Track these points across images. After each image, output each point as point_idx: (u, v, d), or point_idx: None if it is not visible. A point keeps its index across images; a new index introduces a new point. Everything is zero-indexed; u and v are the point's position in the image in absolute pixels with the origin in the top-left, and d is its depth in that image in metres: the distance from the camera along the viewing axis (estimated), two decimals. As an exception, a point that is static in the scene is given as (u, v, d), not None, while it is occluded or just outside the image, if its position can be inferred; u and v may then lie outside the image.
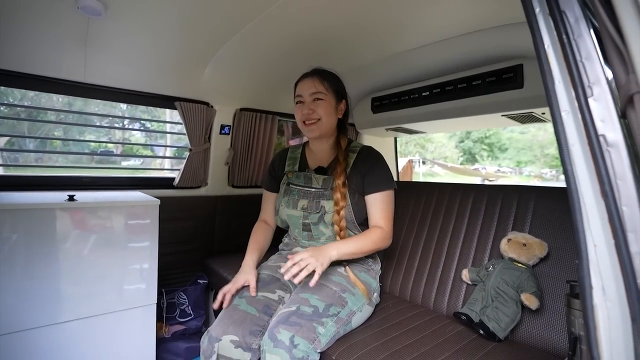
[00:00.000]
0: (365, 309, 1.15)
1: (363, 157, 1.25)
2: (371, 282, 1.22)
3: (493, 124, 2.07)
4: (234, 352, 1.00)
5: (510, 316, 1.02)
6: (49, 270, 1.10)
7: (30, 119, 2.54)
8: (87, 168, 4.01)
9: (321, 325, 0.98)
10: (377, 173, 1.21)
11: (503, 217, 1.27)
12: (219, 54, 1.57)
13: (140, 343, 1.28)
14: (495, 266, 1.12)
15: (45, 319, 1.10)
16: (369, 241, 1.14)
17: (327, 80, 1.24)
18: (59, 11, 1.17)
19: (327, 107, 1.21)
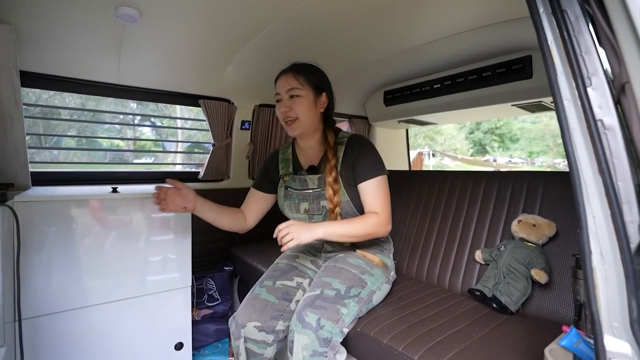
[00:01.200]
0: (384, 287, 1.21)
1: (351, 147, 1.20)
2: (386, 260, 1.27)
3: (503, 113, 2.13)
4: (257, 335, 1.16)
5: (521, 290, 1.10)
6: (99, 255, 1.22)
7: (67, 119, 2.68)
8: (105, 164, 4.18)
9: (344, 306, 1.06)
10: (366, 161, 1.16)
11: (514, 201, 1.34)
12: (239, 54, 1.67)
13: (179, 322, 1.40)
14: (506, 246, 1.20)
15: (97, 298, 1.22)
16: (361, 225, 1.11)
17: (302, 74, 1.17)
18: (99, 20, 1.27)
19: (304, 103, 1.16)
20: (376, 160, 1.18)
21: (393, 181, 1.86)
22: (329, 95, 1.23)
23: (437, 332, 1.00)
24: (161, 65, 1.64)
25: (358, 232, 1.11)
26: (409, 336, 0.99)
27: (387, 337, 1.00)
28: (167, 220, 1.36)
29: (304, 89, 1.17)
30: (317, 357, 1.01)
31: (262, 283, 1.26)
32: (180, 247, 1.40)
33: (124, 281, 1.27)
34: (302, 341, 1.01)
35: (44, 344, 1.12)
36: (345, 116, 2.57)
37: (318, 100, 1.20)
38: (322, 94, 1.21)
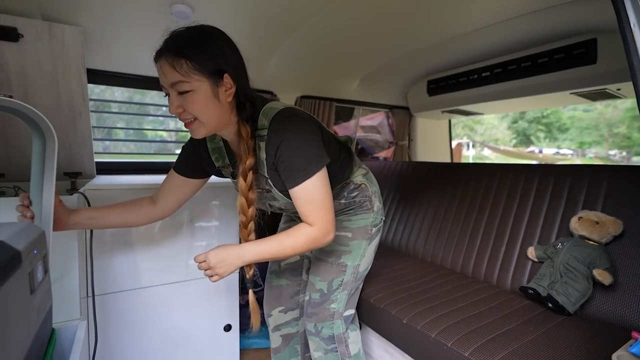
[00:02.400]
0: (368, 251, 1.11)
1: (271, 143, 0.87)
2: (366, 218, 1.10)
3: (558, 102, 2.00)
4: (285, 316, 1.28)
5: (580, 291, 1.05)
6: (154, 240, 1.31)
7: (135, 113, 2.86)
8: (153, 154, 4.45)
9: (332, 302, 1.09)
10: (288, 164, 0.86)
11: (572, 197, 1.26)
12: (283, 46, 1.68)
13: (227, 305, 1.48)
14: (564, 243, 1.14)
15: (154, 280, 1.31)
16: (290, 244, 0.89)
17: (185, 57, 0.77)
18: (155, 18, 1.34)
19: (199, 99, 0.80)
20: (301, 157, 0.85)
21: (435, 173, 1.82)
22: (233, 75, 0.82)
23: (488, 330, 0.98)
24: (209, 59, 1.71)
25: (288, 252, 0.89)
26: (458, 332, 0.97)
27: (435, 332, 0.99)
28: (214, 208, 1.43)
29: (193, 78, 0.78)
30: (330, 354, 1.10)
31: (270, 269, 1.32)
32: (227, 234, 1.47)
33: (176, 265, 1.36)
34: (312, 346, 1.13)
35: (110, 319, 1.23)
36: (386, 107, 2.53)
37: (219, 89, 0.82)
38: (224, 76, 0.81)
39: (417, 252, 1.71)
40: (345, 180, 1.09)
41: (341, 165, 1.06)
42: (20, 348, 0.54)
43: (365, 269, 1.14)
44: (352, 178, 1.10)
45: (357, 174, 1.12)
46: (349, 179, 1.10)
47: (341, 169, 1.06)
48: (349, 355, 1.10)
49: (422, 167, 1.93)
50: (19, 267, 0.54)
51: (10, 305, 0.50)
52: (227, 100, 0.84)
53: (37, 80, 1.30)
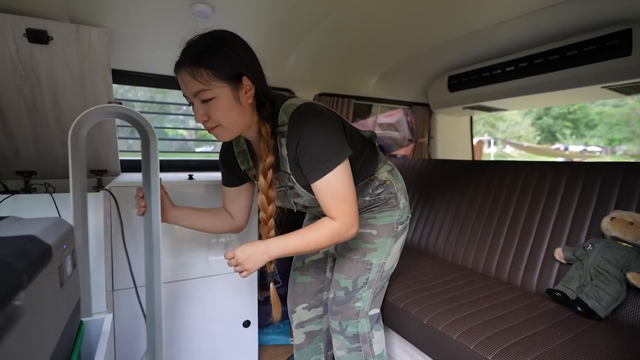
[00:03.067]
0: (394, 249, 1.09)
1: (292, 138, 0.88)
2: (391, 216, 1.08)
3: (588, 97, 1.91)
4: (308, 314, 1.29)
5: (613, 295, 1.00)
6: (175, 236, 1.34)
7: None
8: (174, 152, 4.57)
9: (357, 300, 1.08)
10: (308, 157, 0.86)
11: (604, 196, 1.20)
12: (302, 44, 1.68)
13: (246, 301, 1.50)
14: (595, 245, 1.09)
15: (174, 276, 1.34)
16: (314, 238, 0.90)
17: (205, 66, 0.80)
18: (176, 18, 1.36)
19: (222, 105, 0.83)
20: (321, 150, 0.85)
21: (456, 171, 1.77)
22: (251, 76, 0.85)
23: (513, 333, 0.95)
24: (229, 58, 1.72)
25: (312, 246, 0.91)
26: (481, 334, 0.95)
27: (457, 334, 0.97)
28: (236, 207, 1.45)
29: (214, 85, 0.81)
30: (353, 353, 1.09)
31: (294, 266, 1.33)
32: (246, 231, 1.48)
33: (197, 261, 1.39)
34: (336, 344, 1.12)
35: (132, 313, 1.27)
36: (405, 103, 2.49)
37: (239, 92, 0.84)
38: (242, 79, 0.83)
39: (437, 252, 1.68)
40: (370, 176, 1.07)
41: (365, 160, 1.04)
42: (51, 339, 0.56)
43: (391, 267, 1.12)
44: (376, 174, 1.08)
45: (382, 170, 1.09)
46: (374, 175, 1.07)
47: (365, 164, 1.04)
48: (372, 355, 1.09)
49: (442, 165, 1.89)
50: (50, 261, 0.56)
51: (42, 297, 0.52)
52: (248, 101, 0.86)
53: (65, 81, 1.35)
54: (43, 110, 1.36)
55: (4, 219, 0.66)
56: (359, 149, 1.00)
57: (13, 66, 1.21)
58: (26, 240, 0.53)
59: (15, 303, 0.42)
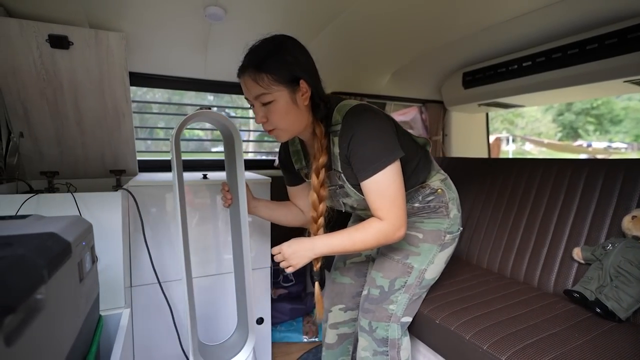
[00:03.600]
0: (438, 258, 1.07)
1: (344, 137, 0.91)
2: (440, 223, 1.06)
3: (609, 91, 1.85)
4: (344, 315, 1.25)
5: (634, 296, 0.96)
6: (191, 235, 1.37)
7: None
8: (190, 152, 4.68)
9: (391, 303, 1.04)
10: (359, 155, 0.89)
11: (625, 194, 1.16)
12: (313, 43, 1.68)
13: (260, 298, 1.52)
14: (615, 245, 1.05)
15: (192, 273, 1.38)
16: (360, 238, 0.91)
17: (265, 71, 0.85)
18: (190, 21, 1.39)
19: (280, 107, 0.88)
20: (372, 149, 0.88)
21: (471, 169, 1.74)
22: (308, 79, 0.89)
23: (528, 334, 0.93)
24: (241, 57, 1.74)
25: (358, 246, 0.92)
26: (495, 335, 0.93)
27: (470, 334, 0.96)
28: (249, 205, 1.47)
29: (273, 89, 0.86)
30: (379, 357, 1.06)
31: (335, 266, 1.32)
32: (260, 230, 1.50)
33: (212, 259, 1.42)
34: (362, 343, 1.08)
35: (150, 308, 1.31)
36: (419, 101, 2.46)
37: (296, 95, 0.89)
38: (299, 82, 0.88)
39: (451, 251, 1.66)
40: (421, 183, 1.06)
41: (417, 167, 1.04)
42: (71, 332, 0.58)
43: (432, 278, 1.08)
44: (428, 182, 1.07)
45: (434, 178, 1.08)
46: (425, 183, 1.07)
47: (417, 171, 1.04)
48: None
49: (456, 163, 1.86)
50: (69, 257, 0.58)
51: (62, 292, 0.54)
52: (304, 103, 0.91)
53: (85, 84, 1.40)
54: (65, 114, 1.42)
55: (27, 217, 0.69)
56: (411, 154, 1.00)
57: (37, 71, 1.26)
58: (47, 237, 0.55)
59: (37, 297, 0.45)
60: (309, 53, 0.94)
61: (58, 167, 1.51)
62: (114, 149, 1.58)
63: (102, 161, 1.60)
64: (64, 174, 1.54)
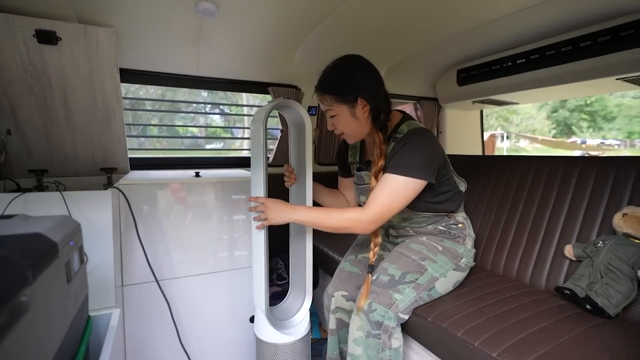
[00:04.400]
0: (451, 275, 1.15)
1: (401, 143, 1.07)
2: (457, 247, 1.19)
3: (602, 89, 1.86)
4: (345, 304, 1.25)
5: (623, 293, 0.97)
6: (183, 233, 1.36)
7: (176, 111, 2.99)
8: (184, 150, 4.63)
9: (397, 292, 1.07)
10: (400, 156, 1.04)
11: (617, 191, 1.17)
12: (307, 40, 1.67)
13: (251, 296, 1.51)
14: (606, 242, 1.06)
15: (182, 271, 1.37)
16: (335, 218, 1.05)
17: (329, 93, 1.08)
18: (182, 16, 1.37)
19: (343, 119, 1.10)
20: (412, 159, 1.02)
21: (464, 167, 1.74)
22: (366, 97, 1.06)
23: (519, 329, 0.94)
24: (235, 55, 1.73)
25: (329, 224, 1.06)
26: (486, 331, 0.94)
27: (461, 331, 0.96)
28: (241, 202, 1.46)
29: (336, 106, 1.09)
30: (371, 339, 1.06)
31: (346, 258, 1.37)
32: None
33: (204, 257, 1.41)
34: (356, 322, 1.08)
35: (142, 307, 1.30)
36: (413, 98, 2.46)
37: (356, 111, 1.08)
38: (357, 101, 1.07)
39: (444, 248, 1.66)
40: (450, 212, 1.22)
41: (452, 197, 1.21)
42: (58, 333, 0.57)
43: (439, 293, 1.14)
44: (455, 215, 1.23)
45: (460, 214, 1.26)
46: (452, 214, 1.23)
47: (450, 200, 1.20)
48: (390, 347, 1.06)
49: (450, 160, 1.86)
50: (56, 258, 0.57)
51: (48, 293, 0.54)
52: (364, 115, 1.09)
53: (74, 80, 1.37)
54: (54, 110, 1.39)
55: (13, 217, 0.68)
56: (450, 185, 1.20)
57: (24, 67, 1.24)
58: (32, 237, 0.54)
59: (21, 298, 0.44)
60: (374, 72, 1.11)
61: (47, 164, 1.49)
62: (104, 146, 1.56)
63: (93, 159, 1.58)
64: (54, 171, 1.52)
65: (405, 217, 1.23)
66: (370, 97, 1.07)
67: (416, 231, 1.25)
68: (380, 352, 1.05)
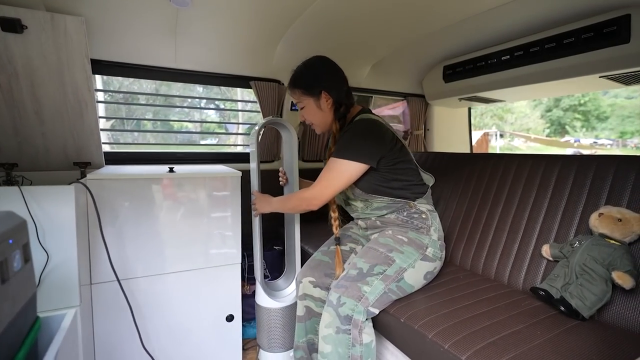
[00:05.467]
0: (419, 265, 1.16)
1: (345, 128, 1.24)
2: (422, 238, 1.20)
3: (587, 87, 1.84)
4: (313, 290, 1.29)
5: (597, 295, 0.95)
6: (155, 230, 1.32)
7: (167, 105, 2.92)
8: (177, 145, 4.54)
9: (366, 284, 1.07)
10: (340, 141, 1.19)
11: (594, 190, 1.15)
12: (288, 32, 1.63)
13: (230, 295, 1.48)
14: (582, 242, 1.04)
15: (153, 270, 1.32)
16: (293, 200, 1.25)
17: (297, 88, 1.25)
18: (153, 6, 1.32)
19: (310, 111, 1.26)
20: (351, 143, 1.15)
21: (450, 165, 1.72)
22: (329, 90, 1.21)
23: (491, 332, 0.91)
24: (213, 47, 1.68)
25: (290, 205, 1.28)
26: (457, 333, 0.91)
27: (432, 332, 0.94)
28: (217, 199, 1.42)
29: (303, 99, 1.25)
30: (341, 335, 1.04)
31: (319, 249, 1.42)
32: (230, 225, 1.46)
33: (179, 255, 1.37)
34: (325, 319, 1.07)
35: (112, 307, 1.26)
36: (401, 94, 2.42)
37: (320, 103, 1.23)
38: (321, 94, 1.22)
39: (426, 247, 1.64)
40: (408, 199, 1.25)
41: (410, 187, 1.25)
42: (-14, 338, 0.54)
43: (410, 284, 1.14)
44: (416, 204, 1.25)
45: (423, 206, 1.26)
46: (413, 203, 1.25)
47: (406, 189, 1.24)
48: (360, 342, 1.04)
49: (434, 158, 1.84)
50: (-17, 257, 0.53)
51: (-30, 295, 0.50)
52: (328, 107, 1.24)
53: (42, 71, 1.32)
54: (21, 102, 1.34)
55: (-56, 213, 0.64)
56: (407, 175, 1.24)
57: (-14, 56, 1.19)
58: (-48, 235, 0.50)
59: None
60: (337, 69, 1.26)
61: (17, 158, 1.44)
62: (76, 140, 1.51)
63: (65, 153, 1.53)
64: (24, 166, 1.47)
65: (363, 199, 1.27)
66: (333, 91, 1.22)
67: (382, 221, 1.28)
68: (350, 348, 1.03)
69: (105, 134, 2.67)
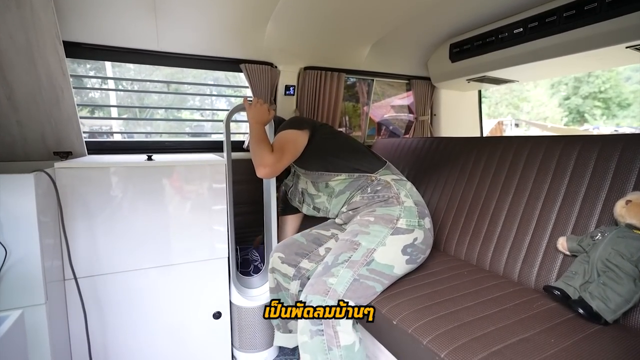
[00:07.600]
0: (390, 241, 1.08)
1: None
2: (391, 210, 1.13)
3: (612, 61, 1.65)
4: (281, 266, 1.31)
5: (623, 296, 0.81)
6: (135, 222, 1.23)
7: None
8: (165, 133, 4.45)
9: (332, 276, 1.01)
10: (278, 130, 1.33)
11: (620, 174, 1.00)
12: (277, 9, 1.50)
13: (217, 292, 1.39)
14: (605, 234, 0.90)
15: (136, 264, 1.24)
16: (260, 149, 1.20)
17: None
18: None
19: None
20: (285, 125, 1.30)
21: (452, 150, 1.58)
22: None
23: (495, 338, 0.79)
24: (198, 27, 1.57)
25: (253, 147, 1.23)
26: (456, 340, 0.79)
27: (428, 338, 0.82)
28: (201, 189, 1.32)
29: None
30: (315, 338, 0.94)
31: (301, 231, 1.42)
32: (216, 217, 1.36)
33: (160, 249, 1.28)
34: (300, 325, 0.98)
35: (89, 303, 1.18)
36: (404, 77, 2.27)
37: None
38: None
39: (428, 240, 1.51)
40: (368, 173, 1.24)
41: (361, 157, 1.28)
42: None
43: (385, 264, 1.05)
44: (377, 175, 1.23)
45: (387, 176, 1.24)
46: (374, 176, 1.23)
47: (357, 159, 1.26)
48: (337, 345, 0.92)
49: (439, 143, 1.69)
50: None
51: None
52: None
53: (11, 53, 1.24)
54: (-9, 87, 1.26)
55: None
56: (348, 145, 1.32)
57: (-57, 36, 1.10)
58: None
59: None
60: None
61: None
62: (55, 129, 1.43)
63: (44, 142, 1.45)
64: (1, 156, 1.40)
65: (322, 187, 1.31)
66: None
67: (353, 209, 1.24)
68: (327, 352, 0.92)
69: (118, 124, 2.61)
